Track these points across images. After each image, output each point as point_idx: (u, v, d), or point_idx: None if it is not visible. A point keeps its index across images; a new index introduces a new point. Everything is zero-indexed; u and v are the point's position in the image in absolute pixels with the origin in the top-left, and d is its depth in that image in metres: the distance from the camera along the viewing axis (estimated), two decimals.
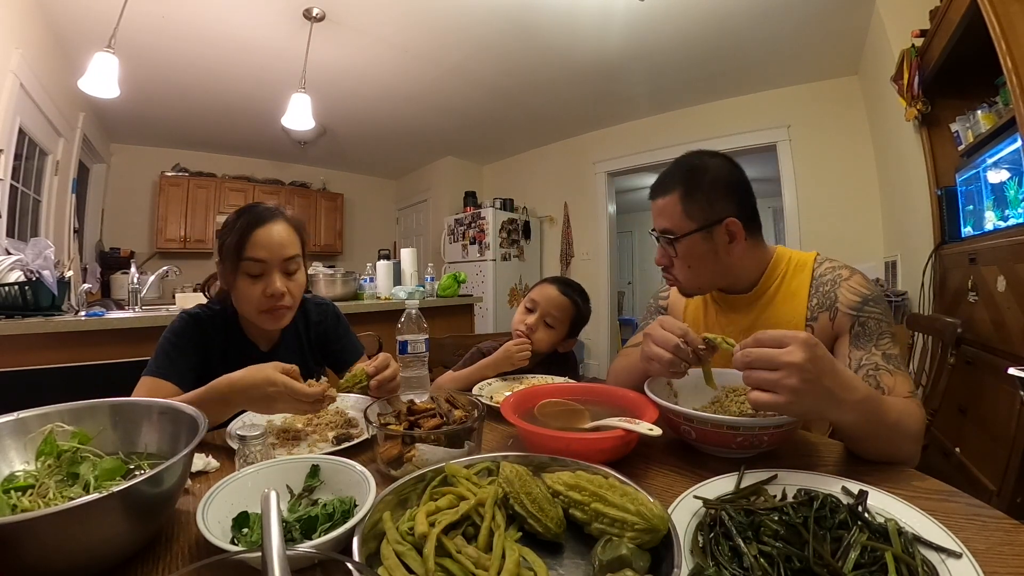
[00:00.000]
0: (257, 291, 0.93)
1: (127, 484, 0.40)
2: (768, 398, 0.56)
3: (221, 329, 1.01)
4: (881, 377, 0.75)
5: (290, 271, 0.97)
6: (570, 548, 0.46)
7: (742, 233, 0.87)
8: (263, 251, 0.93)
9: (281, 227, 0.97)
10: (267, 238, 0.94)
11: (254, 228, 0.93)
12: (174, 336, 0.96)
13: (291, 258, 0.97)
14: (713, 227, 0.86)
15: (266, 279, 0.94)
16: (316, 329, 1.14)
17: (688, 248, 0.88)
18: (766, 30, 2.83)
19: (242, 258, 0.92)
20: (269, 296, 0.93)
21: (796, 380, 0.55)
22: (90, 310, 1.92)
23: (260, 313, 0.96)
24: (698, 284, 0.93)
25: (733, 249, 0.87)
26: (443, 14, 2.69)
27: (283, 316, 0.98)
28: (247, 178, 5.16)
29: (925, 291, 2.17)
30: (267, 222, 0.95)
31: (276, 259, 0.94)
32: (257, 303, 0.94)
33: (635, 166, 4.53)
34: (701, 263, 0.89)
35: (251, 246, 0.92)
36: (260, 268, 0.93)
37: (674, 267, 0.92)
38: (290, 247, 0.97)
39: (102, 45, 2.15)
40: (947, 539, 0.43)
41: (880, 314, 0.81)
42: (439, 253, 5.33)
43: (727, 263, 0.89)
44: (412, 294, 2.86)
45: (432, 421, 0.67)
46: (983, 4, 1.43)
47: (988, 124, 1.71)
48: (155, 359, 0.93)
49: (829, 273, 0.88)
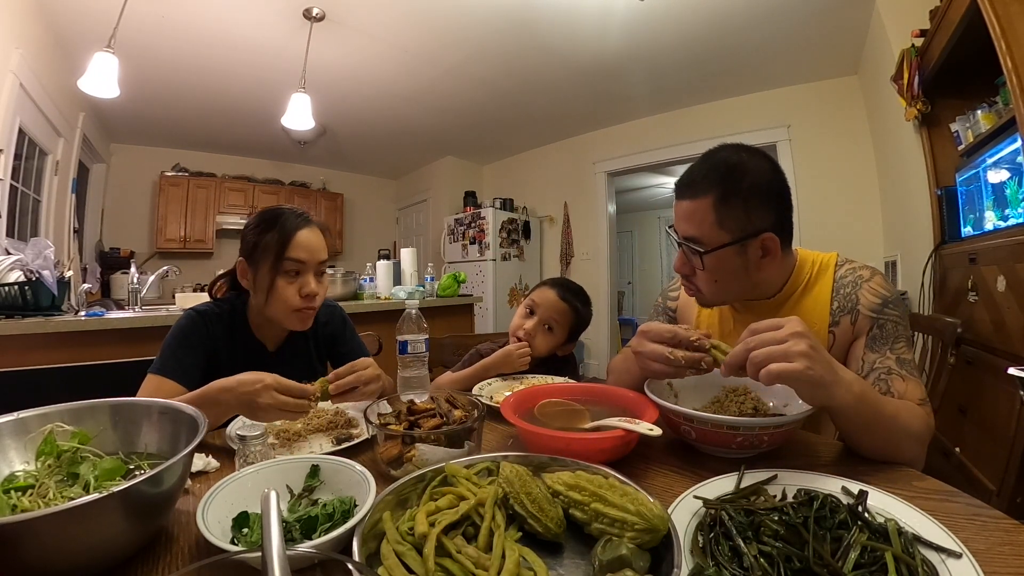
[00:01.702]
0: (293, 291, 0.97)
1: (127, 484, 0.40)
2: (786, 367, 0.56)
3: (228, 328, 1.03)
4: (892, 382, 0.74)
5: (321, 273, 1.02)
6: (570, 548, 0.46)
7: (779, 249, 0.79)
8: (304, 252, 0.97)
9: (317, 232, 1.02)
10: (308, 241, 0.98)
11: (298, 229, 0.98)
12: (181, 334, 0.97)
13: (324, 262, 1.02)
14: (748, 240, 0.77)
15: (302, 279, 0.98)
16: (324, 331, 1.16)
17: (718, 262, 0.79)
18: (766, 30, 2.83)
19: (284, 257, 0.95)
20: (304, 296, 0.97)
21: (804, 345, 0.56)
22: (90, 310, 1.92)
23: (292, 312, 0.98)
24: (722, 299, 0.87)
25: (765, 264, 0.80)
26: (443, 14, 2.69)
27: (310, 317, 1.02)
28: (247, 178, 5.16)
29: (925, 291, 2.17)
30: (308, 226, 1.00)
31: (314, 261, 0.99)
32: (292, 302, 0.97)
33: (635, 166, 4.53)
34: (730, 278, 0.81)
35: (294, 247, 0.96)
36: (298, 268, 0.97)
37: (697, 278, 0.84)
38: (323, 251, 1.02)
39: (102, 45, 2.15)
40: (947, 539, 0.43)
41: (898, 317, 0.79)
42: (439, 253, 5.33)
43: (757, 279, 0.82)
44: (412, 294, 2.86)
45: (432, 421, 0.67)
46: (983, 4, 1.43)
47: (988, 124, 1.71)
48: (161, 357, 0.94)
49: (850, 275, 0.85)
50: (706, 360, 0.67)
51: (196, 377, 0.90)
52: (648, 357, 0.70)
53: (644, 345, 0.70)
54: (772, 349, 0.57)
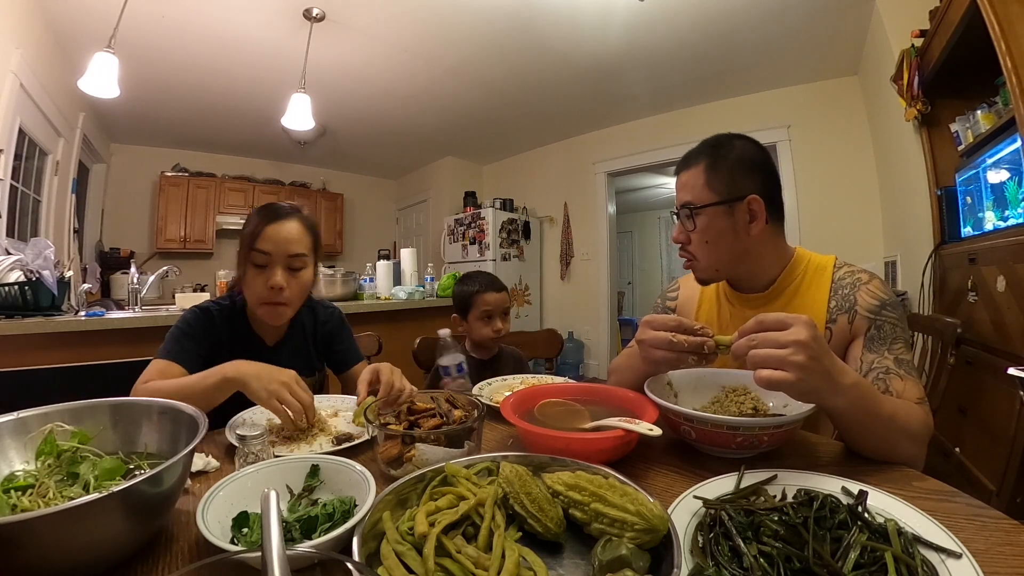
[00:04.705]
0: (261, 283, 0.98)
1: (127, 484, 0.40)
2: (777, 375, 0.56)
3: (228, 321, 1.06)
4: (891, 381, 0.75)
5: (294, 268, 1.01)
6: (570, 548, 0.46)
7: (763, 214, 0.86)
8: (270, 244, 0.98)
9: (294, 225, 1.01)
10: (276, 233, 0.99)
11: (271, 222, 0.99)
12: (185, 324, 1.01)
13: (297, 255, 1.00)
14: (735, 203, 0.85)
15: (269, 271, 0.98)
16: (322, 329, 1.18)
17: (708, 222, 0.87)
18: (766, 30, 2.83)
19: (252, 248, 0.98)
20: (269, 288, 0.97)
21: (803, 357, 0.55)
22: (90, 310, 1.92)
23: (261, 304, 1.00)
24: (715, 263, 0.90)
25: (753, 229, 0.86)
26: (443, 14, 2.69)
27: (281, 313, 1.02)
28: (247, 178, 5.16)
29: (925, 291, 2.17)
30: (281, 219, 1.00)
31: (281, 254, 0.99)
32: (259, 294, 0.99)
33: (635, 166, 4.53)
34: (720, 239, 0.87)
35: (262, 238, 0.98)
36: (265, 260, 0.98)
37: (691, 244, 0.90)
38: (297, 245, 1.01)
39: (102, 45, 2.15)
40: (947, 539, 0.43)
41: (896, 319, 0.81)
42: (439, 253, 5.33)
43: (746, 245, 0.87)
44: (412, 294, 2.86)
45: (432, 421, 0.67)
46: (983, 4, 1.43)
47: (988, 124, 1.71)
48: (165, 344, 0.97)
49: (848, 277, 0.87)
50: (708, 344, 0.67)
51: (199, 364, 0.92)
52: (651, 344, 0.70)
53: (647, 333, 0.71)
54: (770, 353, 0.57)
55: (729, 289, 0.98)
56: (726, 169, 0.86)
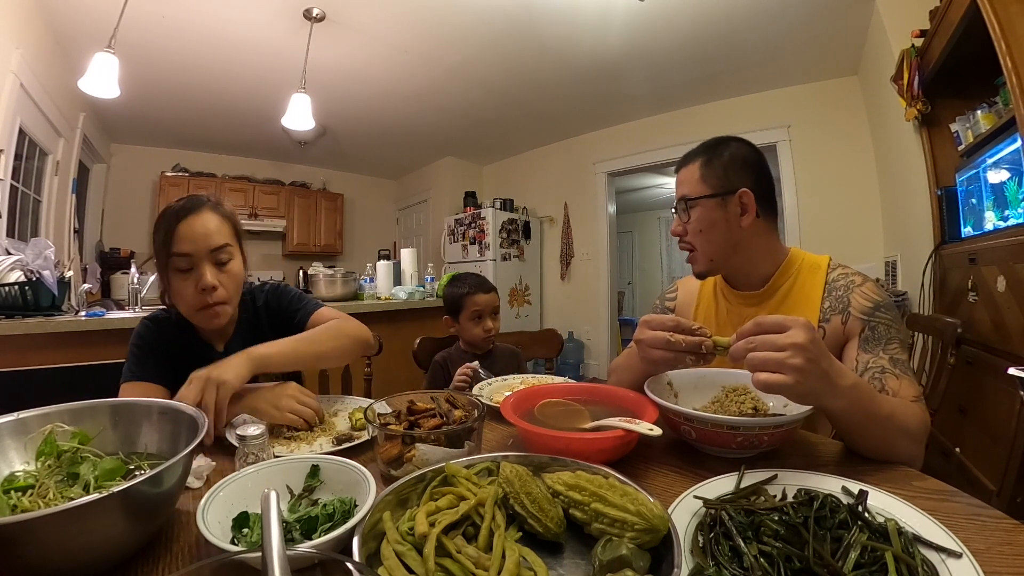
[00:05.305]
0: (190, 288, 0.89)
1: (127, 484, 0.40)
2: (775, 379, 0.56)
3: (178, 332, 0.98)
4: (887, 380, 0.75)
5: (221, 261, 0.92)
6: (570, 548, 0.45)
7: (754, 207, 0.90)
8: (188, 244, 0.89)
9: (207, 217, 0.92)
10: (190, 230, 0.89)
11: (178, 222, 0.89)
12: (139, 340, 0.95)
13: (220, 247, 0.92)
14: (727, 196, 0.90)
15: (196, 273, 0.89)
16: (266, 312, 1.08)
17: (702, 213, 0.92)
18: (766, 30, 2.83)
19: (170, 254, 0.89)
20: (202, 291, 0.89)
21: (801, 360, 0.55)
22: (90, 310, 1.92)
23: (196, 312, 0.91)
24: (710, 252, 0.94)
25: (744, 221, 0.90)
26: (443, 14, 2.69)
27: (220, 313, 0.93)
28: (247, 178, 5.16)
29: (925, 291, 2.17)
30: (191, 214, 0.91)
31: (203, 250, 0.90)
32: (191, 301, 0.90)
33: (635, 166, 4.53)
34: (713, 230, 0.92)
35: (177, 240, 0.88)
36: (188, 262, 0.89)
37: (688, 235, 0.95)
38: (217, 236, 0.92)
39: (102, 45, 2.15)
40: (947, 539, 0.43)
41: (890, 320, 0.81)
42: (439, 253, 5.33)
43: (738, 236, 0.91)
44: (412, 294, 2.86)
45: (432, 421, 0.67)
46: (983, 4, 1.43)
47: (988, 124, 1.71)
48: (128, 365, 0.92)
49: (842, 279, 0.88)
50: (706, 344, 0.67)
51: (167, 375, 0.89)
52: (649, 344, 0.70)
53: (645, 333, 0.72)
54: (768, 356, 0.57)
55: (726, 286, 1.00)
56: (720, 166, 0.91)
